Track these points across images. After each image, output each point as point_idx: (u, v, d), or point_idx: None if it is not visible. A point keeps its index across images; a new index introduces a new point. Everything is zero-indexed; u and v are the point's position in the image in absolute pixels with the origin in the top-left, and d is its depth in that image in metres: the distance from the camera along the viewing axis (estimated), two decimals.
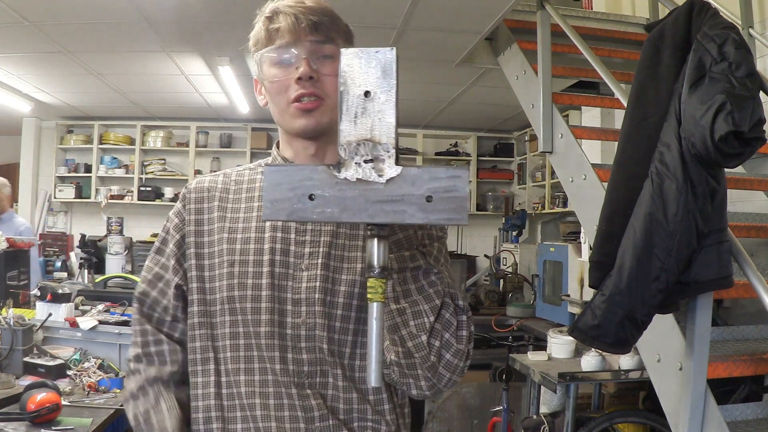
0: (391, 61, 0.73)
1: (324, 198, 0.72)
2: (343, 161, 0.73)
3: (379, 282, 0.75)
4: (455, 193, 0.71)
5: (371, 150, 0.73)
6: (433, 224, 0.73)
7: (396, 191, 0.72)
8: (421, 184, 0.71)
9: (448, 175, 0.71)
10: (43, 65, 4.69)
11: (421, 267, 0.94)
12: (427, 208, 0.71)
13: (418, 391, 0.98)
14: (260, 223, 1.05)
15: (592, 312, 1.64)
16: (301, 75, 0.98)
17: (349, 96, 0.74)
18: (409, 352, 0.94)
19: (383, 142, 0.73)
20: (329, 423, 0.99)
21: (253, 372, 1.00)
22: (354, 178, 0.72)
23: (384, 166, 0.72)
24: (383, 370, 0.99)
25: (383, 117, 0.73)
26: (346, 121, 0.73)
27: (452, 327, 0.95)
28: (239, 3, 3.36)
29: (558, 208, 5.94)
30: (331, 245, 1.03)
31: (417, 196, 0.71)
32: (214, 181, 1.12)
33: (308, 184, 0.72)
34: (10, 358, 2.29)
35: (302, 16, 0.99)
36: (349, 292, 1.01)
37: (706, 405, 1.67)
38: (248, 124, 6.73)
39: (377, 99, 0.73)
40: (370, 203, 0.72)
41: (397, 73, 0.74)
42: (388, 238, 0.76)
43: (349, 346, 1.02)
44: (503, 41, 3.48)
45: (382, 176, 0.72)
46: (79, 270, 4.65)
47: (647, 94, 1.72)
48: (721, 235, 1.58)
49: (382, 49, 0.74)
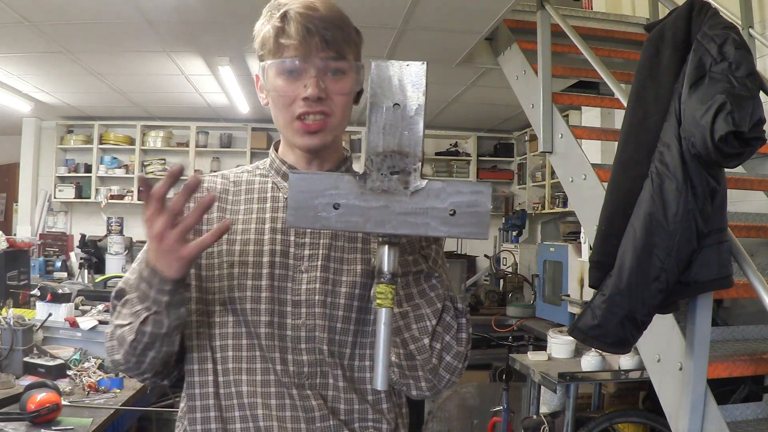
0: (421, 75, 0.75)
1: (349, 207, 0.73)
2: (369, 172, 0.73)
3: (389, 288, 0.76)
4: (478, 208, 0.72)
5: (398, 162, 0.73)
6: (455, 237, 0.74)
7: (420, 204, 0.72)
8: (445, 198, 0.72)
9: (472, 190, 0.72)
10: (43, 65, 4.69)
11: (423, 271, 0.95)
12: (450, 221, 0.72)
13: (418, 391, 0.99)
14: (260, 224, 1.05)
15: (592, 312, 1.64)
16: (309, 96, 0.95)
17: (378, 107, 0.74)
18: (411, 354, 0.95)
19: (410, 155, 0.74)
20: (330, 423, 0.99)
21: (255, 372, 1.00)
22: (379, 189, 0.73)
23: (410, 178, 0.73)
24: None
25: (411, 129, 0.74)
26: (374, 132, 0.74)
27: (453, 330, 0.96)
28: (239, 3, 3.36)
29: (558, 208, 5.94)
30: (330, 247, 1.03)
31: (441, 210, 0.72)
32: (212, 182, 1.11)
33: (333, 193, 0.73)
34: (10, 358, 2.29)
35: (314, 29, 0.95)
36: (350, 293, 1.01)
37: (706, 405, 1.67)
38: (248, 124, 6.73)
39: (406, 111, 0.74)
40: (394, 215, 0.72)
41: (426, 86, 0.75)
42: (398, 245, 0.77)
43: (350, 347, 1.02)
44: (503, 41, 3.48)
45: (408, 188, 0.73)
46: (79, 270, 4.65)
47: (647, 94, 1.72)
48: (721, 235, 1.58)
49: (413, 63, 0.75)
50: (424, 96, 0.74)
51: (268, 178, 1.10)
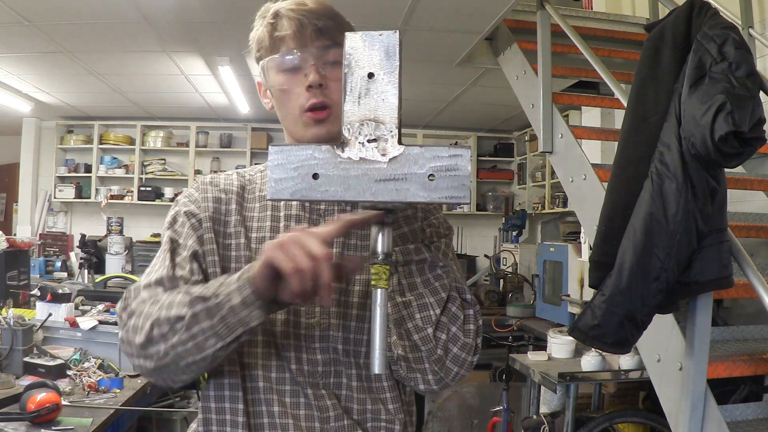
0: (394, 44, 0.75)
1: (328, 177, 0.73)
2: (346, 141, 0.74)
3: (383, 268, 0.76)
4: (457, 171, 0.71)
5: (374, 130, 0.74)
6: (435, 203, 0.73)
7: (398, 170, 0.72)
8: (423, 163, 0.72)
9: (450, 154, 0.72)
10: (43, 65, 4.69)
11: (426, 260, 0.95)
12: (429, 186, 0.72)
13: (426, 385, 0.99)
14: (274, 222, 1.05)
15: (592, 312, 1.65)
16: (311, 83, 0.97)
17: (353, 77, 0.75)
18: (416, 345, 0.94)
19: (386, 122, 0.74)
20: (344, 423, 0.99)
21: (270, 369, 1.00)
22: (357, 157, 0.73)
23: (387, 145, 0.73)
24: (391, 366, 1.00)
25: (386, 97, 0.74)
26: (350, 101, 0.74)
27: (459, 320, 0.95)
28: (239, 3, 3.36)
29: (558, 208, 5.94)
30: (343, 245, 1.03)
31: (419, 175, 0.72)
32: (229, 178, 1.10)
33: (312, 163, 0.73)
34: (10, 358, 2.29)
35: (306, 21, 0.98)
36: (363, 291, 1.01)
37: (706, 405, 1.67)
38: (248, 124, 6.73)
39: (380, 80, 0.74)
40: (373, 182, 0.72)
41: (400, 55, 0.75)
42: (391, 225, 0.77)
43: (365, 346, 1.02)
44: (503, 41, 3.48)
45: (385, 155, 0.73)
46: (79, 270, 4.66)
47: (647, 94, 1.72)
48: (721, 235, 1.58)
49: (385, 32, 0.75)
50: (397, 64, 0.74)
51: None
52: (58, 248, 6.19)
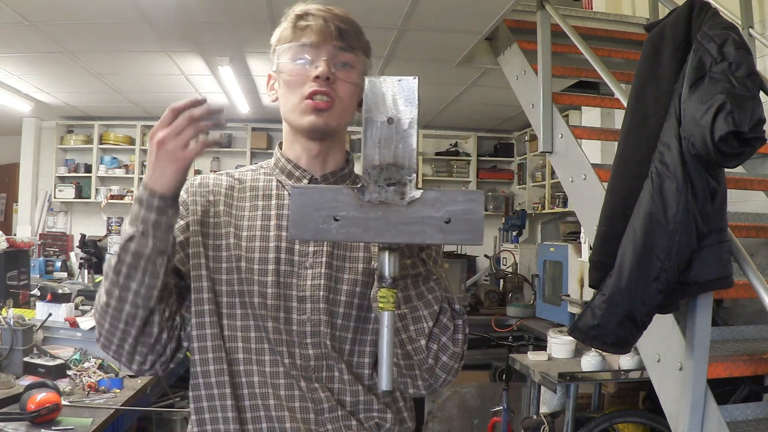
0: (413, 89, 0.77)
1: (348, 219, 0.75)
2: (366, 184, 0.76)
3: (390, 292, 0.78)
4: (472, 215, 0.74)
5: (394, 174, 0.76)
6: (450, 243, 0.77)
7: (416, 213, 0.75)
8: (440, 207, 0.75)
9: (466, 199, 0.75)
10: (43, 65, 4.69)
11: (421, 274, 0.97)
12: (446, 229, 0.74)
13: (415, 390, 1.02)
14: (265, 221, 1.07)
15: (592, 312, 1.65)
16: (320, 74, 1.01)
17: (373, 123, 0.77)
18: (408, 354, 0.97)
19: (405, 167, 0.76)
20: (338, 414, 1.03)
21: (264, 363, 1.03)
22: (377, 200, 0.76)
23: (406, 189, 0.76)
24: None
25: (405, 142, 0.77)
26: (370, 146, 0.77)
27: (449, 331, 0.98)
28: (239, 3, 3.37)
29: (558, 208, 5.94)
30: (334, 245, 1.06)
31: (436, 218, 0.75)
32: (218, 179, 1.13)
33: (333, 206, 0.76)
34: (10, 358, 2.29)
35: (331, 22, 1.04)
36: (351, 290, 1.05)
37: (706, 405, 1.67)
38: (248, 124, 6.73)
39: (400, 125, 0.77)
40: (392, 225, 0.75)
41: (418, 100, 0.78)
42: (398, 251, 0.80)
43: (349, 344, 1.05)
44: (503, 41, 3.48)
45: (404, 199, 0.76)
46: (79, 270, 4.65)
47: (647, 94, 1.72)
48: (721, 235, 1.58)
49: (405, 78, 0.78)
50: (416, 110, 0.77)
51: (272, 176, 1.12)
52: (58, 248, 6.19)
